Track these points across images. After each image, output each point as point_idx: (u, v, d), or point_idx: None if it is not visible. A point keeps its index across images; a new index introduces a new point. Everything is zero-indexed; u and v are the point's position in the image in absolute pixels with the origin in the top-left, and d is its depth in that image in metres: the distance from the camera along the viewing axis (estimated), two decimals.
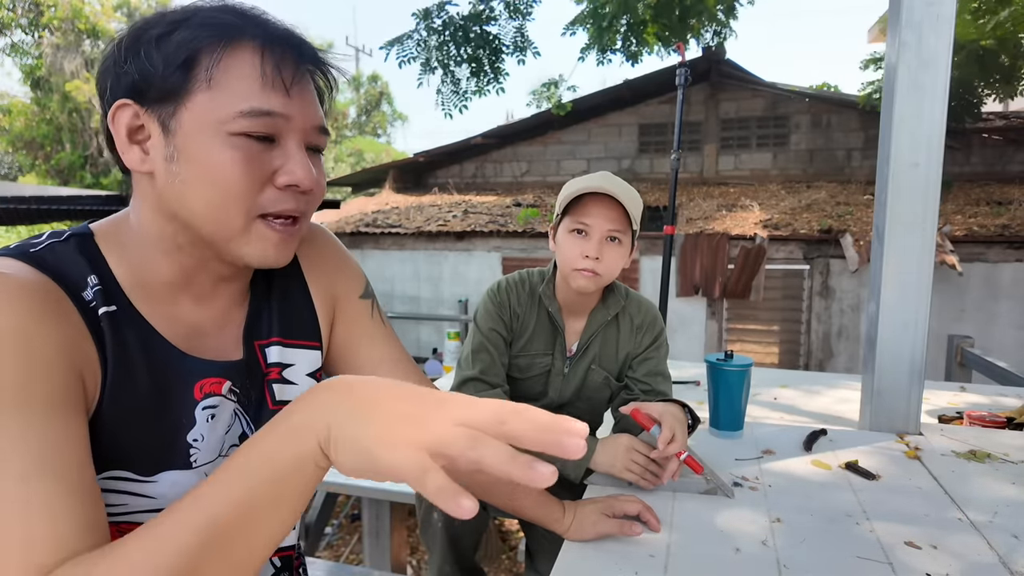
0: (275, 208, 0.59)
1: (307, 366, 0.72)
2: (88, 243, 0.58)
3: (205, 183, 0.55)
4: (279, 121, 0.57)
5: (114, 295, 0.57)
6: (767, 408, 1.69)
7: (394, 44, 4.05)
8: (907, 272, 1.36)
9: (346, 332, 0.78)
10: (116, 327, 0.56)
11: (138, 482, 0.57)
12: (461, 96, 4.22)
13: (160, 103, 0.55)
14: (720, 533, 0.93)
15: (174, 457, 0.60)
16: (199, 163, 0.55)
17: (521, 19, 4.06)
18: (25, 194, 3.91)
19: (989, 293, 5.49)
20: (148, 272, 0.60)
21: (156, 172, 0.57)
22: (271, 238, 0.60)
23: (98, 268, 0.57)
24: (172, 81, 0.54)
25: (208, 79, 0.54)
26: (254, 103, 0.55)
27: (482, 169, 9.00)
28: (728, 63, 7.47)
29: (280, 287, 0.72)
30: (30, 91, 14.37)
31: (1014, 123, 6.97)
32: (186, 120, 0.55)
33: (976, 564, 0.84)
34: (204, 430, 0.62)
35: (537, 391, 1.28)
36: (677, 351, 1.98)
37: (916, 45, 1.30)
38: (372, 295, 0.82)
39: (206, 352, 0.63)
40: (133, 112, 0.56)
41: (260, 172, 0.57)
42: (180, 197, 0.56)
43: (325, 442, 0.42)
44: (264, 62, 0.56)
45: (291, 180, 0.58)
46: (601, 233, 1.12)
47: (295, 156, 0.58)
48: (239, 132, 0.55)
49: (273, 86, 0.56)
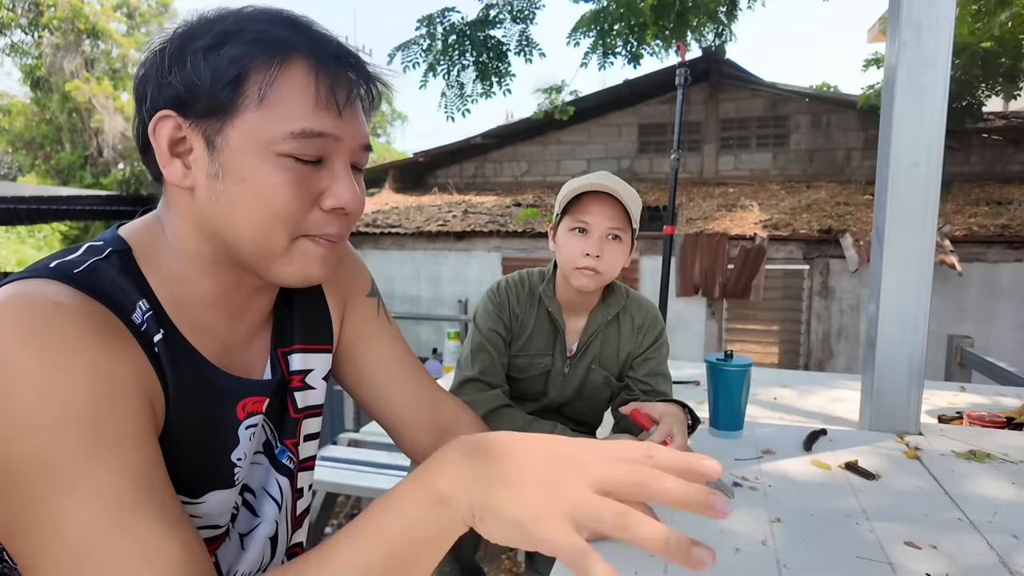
0: (320, 231, 0.57)
1: (322, 369, 0.72)
2: (129, 261, 0.56)
3: (252, 204, 0.53)
4: (329, 142, 0.55)
5: (162, 319, 0.55)
6: (767, 408, 1.69)
7: (400, 49, 4.06)
8: (907, 272, 1.36)
9: (354, 331, 0.77)
10: (170, 353, 0.55)
11: (187, 504, 0.57)
12: (465, 99, 4.23)
13: (206, 118, 0.53)
14: (720, 533, 0.93)
15: (220, 477, 0.60)
16: (246, 183, 0.53)
17: (525, 24, 4.07)
18: (25, 194, 3.91)
19: (989, 293, 5.50)
20: (185, 289, 0.58)
21: (198, 187, 0.54)
22: (315, 254, 0.58)
23: (144, 290, 0.55)
24: (221, 97, 0.52)
25: (260, 98, 0.52)
26: (307, 124, 0.53)
27: (482, 169, 9.00)
28: (728, 63, 7.48)
29: (300, 293, 0.71)
30: (30, 91, 14.38)
31: (1014, 123, 6.97)
32: (234, 138, 0.53)
33: (976, 564, 0.84)
34: (246, 448, 0.62)
35: (537, 391, 1.28)
36: (677, 351, 1.98)
37: (916, 45, 1.30)
38: (378, 293, 0.82)
39: (239, 369, 0.62)
40: (176, 124, 0.54)
41: (307, 194, 0.55)
42: (224, 217, 0.54)
43: (469, 516, 0.42)
44: (319, 82, 0.53)
45: (338, 203, 0.56)
46: (601, 231, 1.13)
47: (343, 178, 0.56)
48: (288, 153, 0.53)
49: (327, 107, 0.54)
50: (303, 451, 0.71)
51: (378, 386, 0.79)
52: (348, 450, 2.65)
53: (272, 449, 0.68)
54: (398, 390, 0.80)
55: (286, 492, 0.69)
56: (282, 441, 0.68)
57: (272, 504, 0.68)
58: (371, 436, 2.76)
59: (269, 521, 0.68)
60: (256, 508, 0.67)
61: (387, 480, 2.28)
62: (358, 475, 2.33)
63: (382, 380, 0.79)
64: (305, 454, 0.72)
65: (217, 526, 0.61)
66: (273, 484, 0.68)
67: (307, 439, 0.72)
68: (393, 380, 0.80)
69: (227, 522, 0.63)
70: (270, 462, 0.68)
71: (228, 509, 0.62)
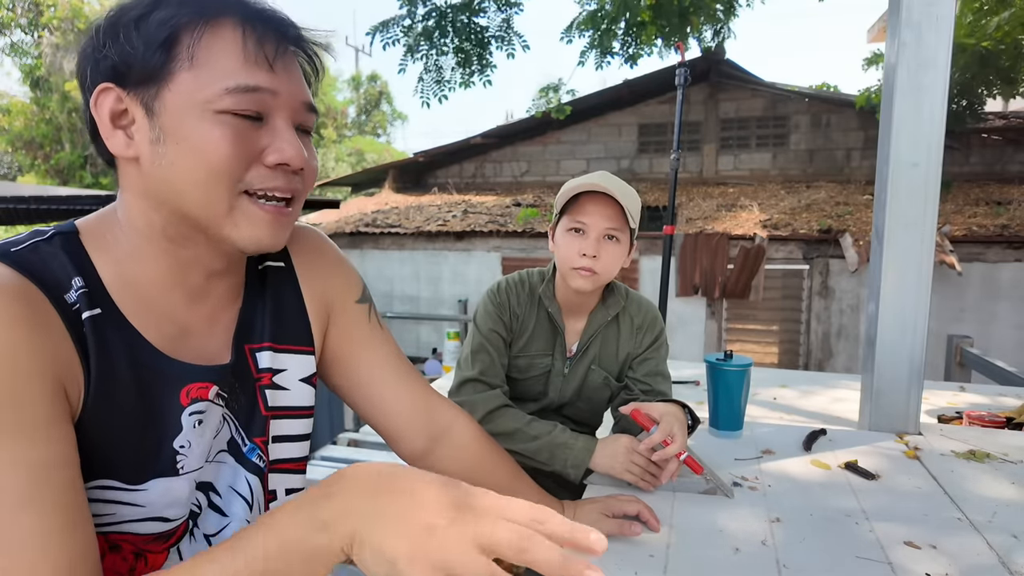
0: (263, 185, 0.57)
1: (300, 371, 0.71)
2: (73, 241, 0.56)
3: (191, 162, 0.54)
4: (266, 97, 0.56)
5: (99, 297, 0.55)
6: (767, 408, 1.69)
7: (379, 29, 4.02)
8: (907, 272, 1.36)
9: (343, 337, 0.76)
10: (100, 332, 0.54)
11: (126, 491, 0.56)
12: (443, 85, 4.18)
13: (143, 85, 0.54)
14: (720, 533, 0.93)
15: (161, 464, 0.58)
16: (186, 143, 0.54)
17: (509, 10, 4.01)
18: (24, 194, 3.91)
19: (988, 293, 5.50)
20: (137, 269, 0.58)
21: (142, 156, 0.55)
22: (262, 218, 0.58)
23: (83, 269, 0.55)
24: (154, 62, 0.53)
25: (190, 57, 0.53)
26: (239, 79, 0.54)
27: (482, 169, 9.00)
28: (728, 63, 7.47)
29: (273, 290, 0.70)
30: (29, 91, 14.37)
31: (1014, 123, 6.97)
32: (170, 101, 0.54)
33: (975, 564, 0.84)
34: (191, 436, 0.60)
35: (537, 391, 1.28)
36: (677, 351, 1.98)
37: (915, 45, 1.30)
38: (369, 299, 0.81)
39: (192, 355, 0.61)
40: (116, 96, 0.54)
41: (248, 149, 0.56)
42: (167, 179, 0.55)
43: (348, 546, 0.42)
44: (246, 37, 0.55)
45: (280, 158, 0.57)
46: (598, 231, 1.12)
47: (283, 134, 0.57)
48: (225, 110, 0.54)
49: (256, 62, 0.55)
50: (274, 452, 0.69)
51: (372, 393, 0.79)
52: (348, 450, 2.66)
53: (238, 447, 0.66)
54: (392, 396, 0.79)
55: (256, 491, 0.68)
56: (250, 439, 0.67)
57: (241, 503, 0.67)
58: (371, 436, 2.76)
59: (240, 520, 0.66)
60: (224, 508, 0.66)
61: None
62: None
63: (376, 387, 0.79)
64: (280, 455, 0.70)
65: (165, 519, 0.59)
66: (242, 483, 0.67)
67: (281, 440, 0.70)
68: (387, 387, 0.79)
69: (179, 516, 0.61)
70: (236, 460, 0.66)
71: (179, 502, 0.60)
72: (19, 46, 14.02)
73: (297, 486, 0.73)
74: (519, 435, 1.11)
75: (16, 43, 14.00)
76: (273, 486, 0.70)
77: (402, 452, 0.83)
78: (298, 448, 0.72)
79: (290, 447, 0.71)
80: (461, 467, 0.85)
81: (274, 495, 0.70)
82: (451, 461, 0.84)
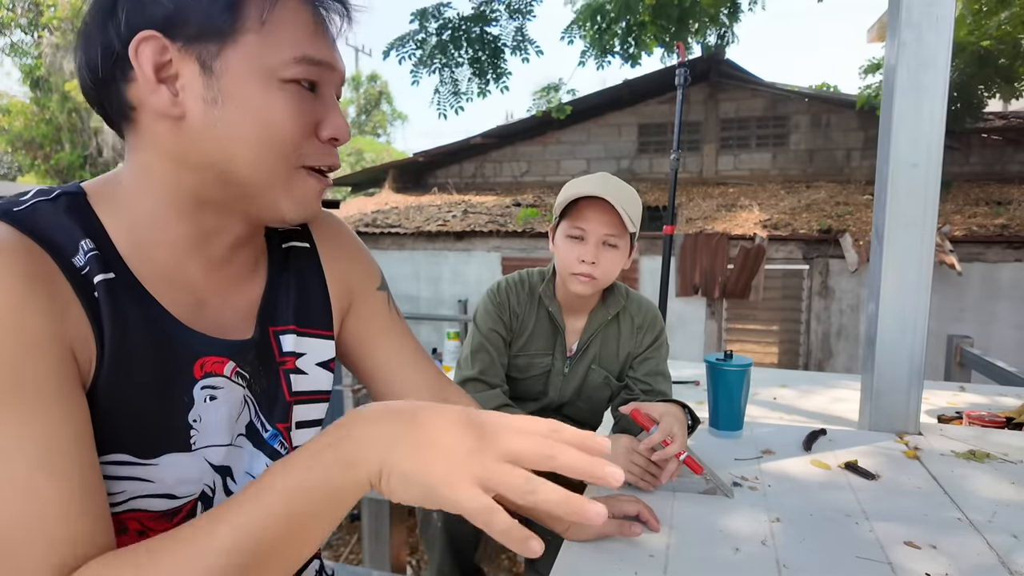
0: (318, 161, 0.57)
1: (318, 355, 0.69)
2: (80, 203, 0.53)
3: (255, 128, 0.52)
4: (325, 71, 0.56)
5: (111, 261, 0.52)
6: (767, 408, 1.69)
7: (395, 46, 4.05)
8: (907, 272, 1.36)
9: (363, 324, 0.76)
10: (114, 297, 0.51)
11: (139, 465, 0.54)
12: (460, 96, 4.21)
13: (200, 40, 0.50)
14: (720, 533, 0.93)
15: (174, 438, 0.56)
16: (249, 108, 0.52)
17: (521, 19, 4.05)
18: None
19: (988, 293, 5.50)
20: (154, 234, 0.55)
21: (189, 115, 0.52)
22: (315, 190, 0.58)
23: (92, 231, 0.52)
24: (220, 19, 0.50)
25: (261, 20, 0.51)
26: (307, 50, 0.53)
27: (482, 169, 9.00)
28: (728, 63, 7.47)
29: (297, 271, 0.69)
30: (29, 91, 14.37)
31: (1013, 123, 6.97)
32: (234, 61, 0.51)
33: (975, 564, 0.84)
34: (203, 411, 0.58)
35: (537, 391, 1.28)
36: (676, 351, 1.98)
37: (915, 45, 1.30)
38: (387, 287, 0.81)
39: (210, 327, 0.58)
40: (161, 46, 0.50)
41: (307, 122, 0.55)
42: (222, 143, 0.52)
43: (376, 477, 0.42)
44: (315, 10, 0.55)
45: (335, 133, 0.57)
46: (597, 238, 1.12)
47: (335, 109, 0.58)
48: (291, 79, 0.53)
49: (322, 36, 0.55)
50: (296, 438, 0.68)
51: (390, 379, 0.79)
52: None
53: (258, 433, 0.65)
54: (409, 383, 0.80)
55: None
56: (273, 424, 0.65)
57: None
58: None
59: None
60: None
61: None
62: None
63: (394, 373, 0.79)
64: (301, 441, 0.69)
65: (174, 496, 0.57)
66: (260, 469, 0.65)
67: (302, 426, 0.69)
68: (404, 374, 0.79)
69: (188, 494, 0.58)
70: (255, 445, 0.64)
71: (189, 479, 0.58)
72: (19, 46, 14.03)
73: None
74: None
75: (16, 43, 14.00)
76: None
77: None
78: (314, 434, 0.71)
79: (309, 433, 0.71)
80: None
81: None
82: None
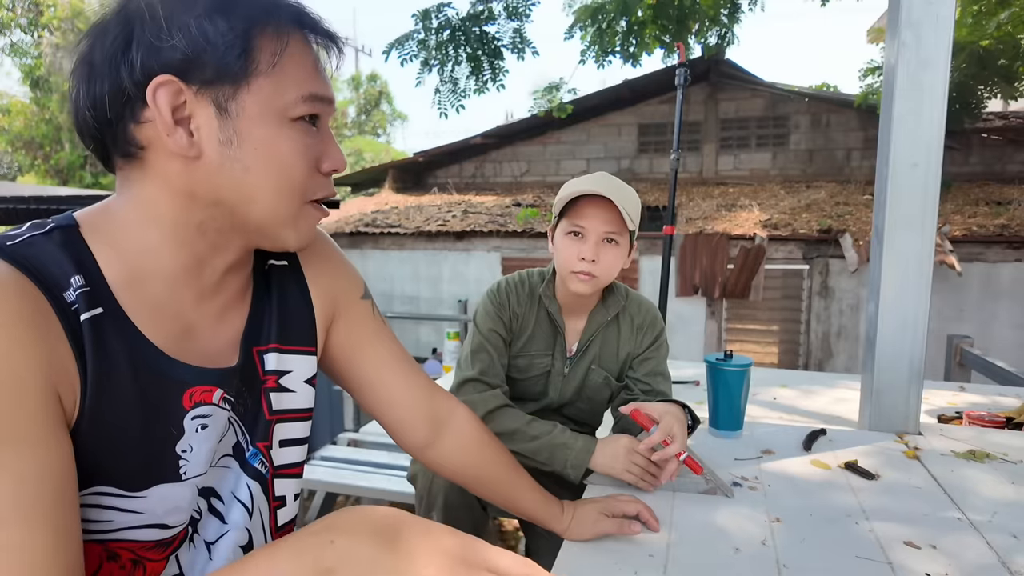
0: (322, 194, 0.61)
1: (304, 372, 0.70)
2: (73, 236, 0.53)
3: (270, 170, 0.55)
4: (325, 105, 0.59)
5: (100, 296, 0.52)
6: (766, 408, 1.69)
7: (396, 46, 4.06)
8: (906, 272, 1.36)
9: (349, 334, 0.77)
10: (100, 333, 0.51)
11: (125, 498, 0.54)
12: (459, 95, 4.23)
13: (215, 84, 0.52)
14: (719, 533, 0.93)
15: (163, 470, 0.56)
16: (264, 149, 0.55)
17: (520, 21, 4.07)
18: (24, 194, 3.91)
19: (988, 293, 5.49)
20: (148, 263, 0.56)
21: (205, 155, 0.54)
22: (315, 219, 0.62)
23: (84, 265, 0.52)
24: (235, 64, 0.52)
25: (272, 64, 0.54)
26: (313, 88, 0.56)
27: (482, 169, 8.99)
28: (727, 63, 7.47)
29: (279, 290, 0.69)
30: (29, 91, 14.36)
31: (1013, 123, 6.97)
32: (248, 104, 0.54)
33: (975, 564, 0.84)
34: (193, 441, 0.58)
35: (537, 391, 1.28)
36: (676, 351, 1.98)
37: (915, 45, 1.30)
38: (371, 296, 0.82)
39: (197, 357, 0.59)
40: (176, 89, 0.52)
41: (312, 158, 0.58)
42: (237, 183, 0.55)
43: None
44: (316, 48, 0.58)
45: (334, 165, 0.60)
46: (597, 235, 1.12)
47: (331, 140, 0.61)
48: (299, 116, 0.56)
49: (322, 72, 0.58)
50: (278, 456, 0.68)
51: (377, 386, 0.80)
52: (348, 450, 2.65)
53: (243, 452, 0.65)
54: (396, 389, 0.80)
55: (257, 497, 0.67)
56: (254, 443, 0.66)
57: (241, 510, 0.65)
58: (371, 436, 2.76)
59: (239, 528, 0.65)
60: (224, 514, 0.65)
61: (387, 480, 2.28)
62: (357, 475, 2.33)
63: (381, 380, 0.80)
64: (283, 460, 0.69)
65: (165, 525, 0.58)
66: (243, 489, 0.65)
67: (285, 444, 0.69)
68: (391, 380, 0.80)
69: (179, 523, 0.59)
70: (240, 465, 0.65)
71: (180, 508, 0.59)
72: (19, 46, 14.02)
73: (296, 491, 0.72)
74: (519, 435, 1.11)
75: (16, 43, 13.99)
76: (281, 492, 0.69)
77: (406, 444, 0.84)
78: (298, 452, 0.72)
79: (292, 451, 0.71)
80: (463, 457, 0.86)
81: (282, 501, 0.70)
82: (453, 451, 0.85)
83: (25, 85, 14.34)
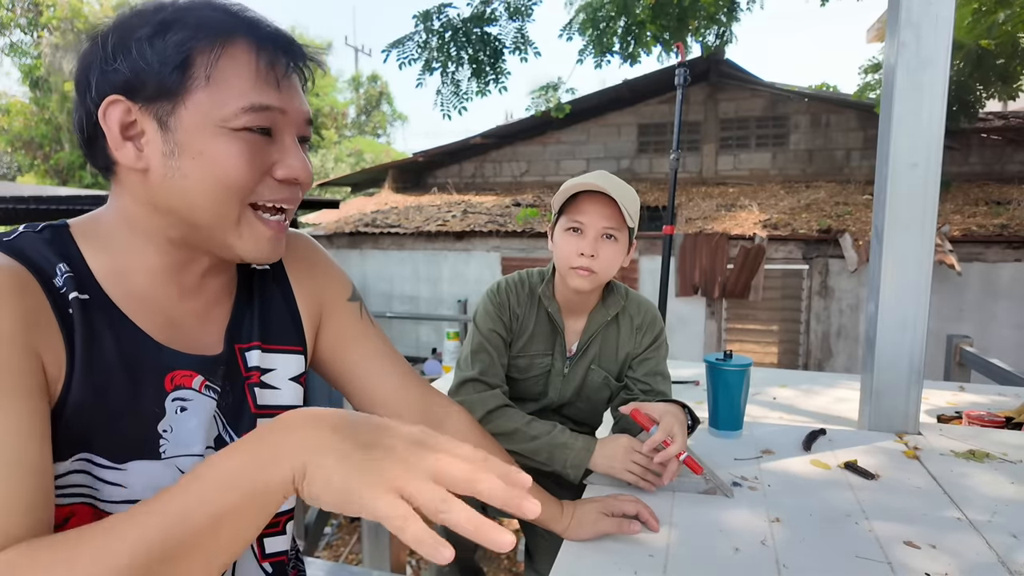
0: (272, 197, 0.61)
1: (290, 370, 0.72)
2: (62, 233, 0.59)
3: (207, 176, 0.57)
4: (276, 115, 0.59)
5: (86, 283, 0.57)
6: (766, 408, 1.69)
7: (395, 46, 4.05)
8: (906, 272, 1.36)
9: (336, 334, 0.79)
10: (87, 313, 0.56)
11: (110, 469, 0.57)
12: (461, 97, 4.23)
13: (156, 101, 0.56)
14: (719, 533, 0.93)
15: (143, 446, 0.59)
16: (202, 158, 0.57)
17: (521, 20, 4.06)
18: (24, 194, 3.91)
19: (988, 293, 5.50)
20: (131, 262, 0.61)
21: (152, 168, 0.57)
22: (264, 235, 0.62)
23: (69, 257, 0.58)
24: (170, 80, 0.55)
25: (207, 77, 0.56)
26: (253, 99, 0.57)
27: (481, 169, 9.00)
28: (727, 63, 7.47)
29: (262, 292, 0.73)
30: (29, 91, 14.36)
31: (1013, 123, 6.97)
32: (186, 118, 0.56)
33: (975, 563, 0.84)
34: (174, 422, 0.61)
35: (537, 391, 1.28)
36: (676, 351, 1.99)
37: (915, 45, 1.30)
38: (359, 298, 0.84)
39: (181, 344, 0.63)
40: (125, 108, 0.56)
41: (260, 164, 0.59)
42: (180, 191, 0.57)
43: (300, 478, 0.43)
44: (259, 59, 0.58)
45: (290, 174, 0.61)
46: (596, 230, 1.12)
47: (291, 150, 0.61)
48: (242, 127, 0.57)
49: (267, 81, 0.58)
50: None
51: (367, 386, 0.81)
52: None
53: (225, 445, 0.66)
54: (387, 389, 0.82)
55: None
56: (237, 437, 0.67)
57: None
58: None
59: None
60: None
61: None
62: None
63: (371, 380, 0.81)
64: None
65: None
66: None
67: None
68: (382, 380, 0.82)
69: None
70: None
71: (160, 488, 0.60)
72: (19, 46, 14.02)
73: None
74: (518, 435, 1.11)
75: (16, 43, 14.00)
76: None
77: None
78: None
79: None
80: None
81: None
82: None
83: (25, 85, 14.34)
